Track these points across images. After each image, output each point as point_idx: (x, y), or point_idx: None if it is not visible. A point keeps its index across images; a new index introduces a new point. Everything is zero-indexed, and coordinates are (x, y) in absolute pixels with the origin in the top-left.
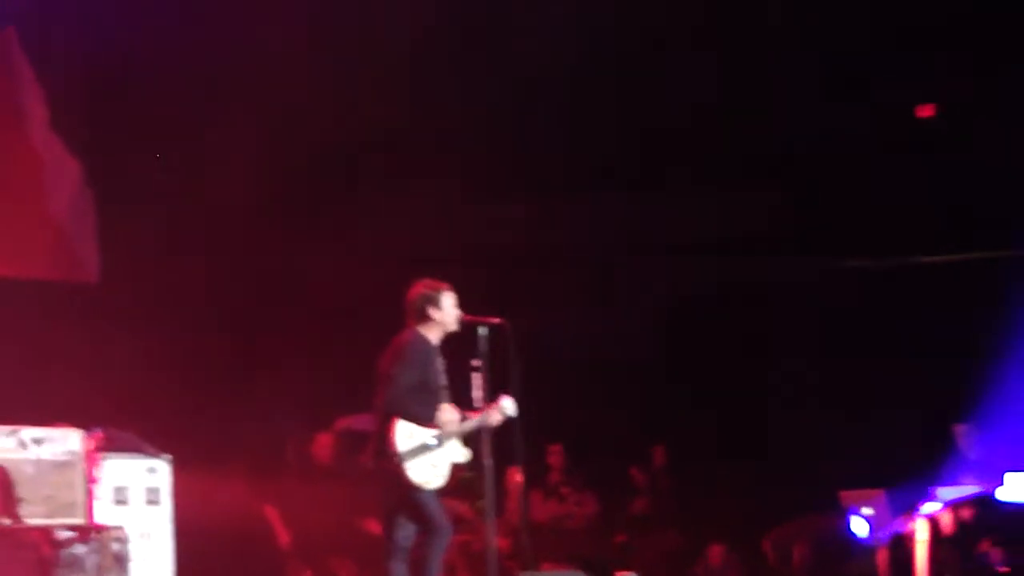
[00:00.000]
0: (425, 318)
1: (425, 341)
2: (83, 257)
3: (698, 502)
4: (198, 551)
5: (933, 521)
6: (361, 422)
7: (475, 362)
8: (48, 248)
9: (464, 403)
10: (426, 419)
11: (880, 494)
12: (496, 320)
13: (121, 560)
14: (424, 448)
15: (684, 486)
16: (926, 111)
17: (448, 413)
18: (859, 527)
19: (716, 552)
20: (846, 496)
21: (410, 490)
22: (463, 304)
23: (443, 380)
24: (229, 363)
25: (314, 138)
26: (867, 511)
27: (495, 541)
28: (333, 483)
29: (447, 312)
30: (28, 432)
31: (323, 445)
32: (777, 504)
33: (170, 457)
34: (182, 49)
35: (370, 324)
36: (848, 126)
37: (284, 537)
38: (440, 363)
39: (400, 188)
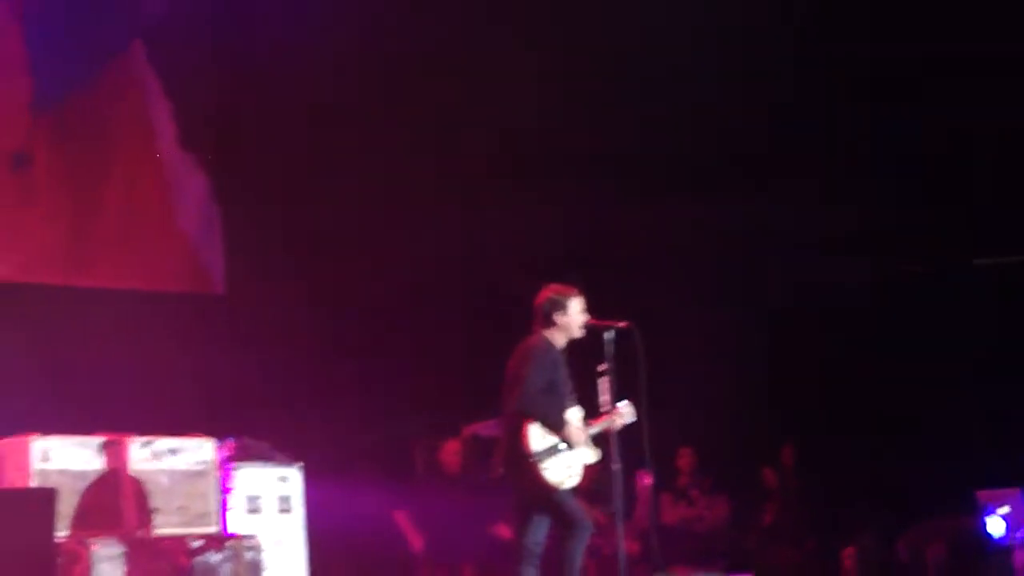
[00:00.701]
0: (551, 323)
1: (552, 345)
2: (210, 270)
3: (828, 504)
4: (331, 558)
5: None
6: (488, 428)
7: (601, 366)
8: (176, 262)
9: (591, 408)
10: (556, 422)
11: (1017, 493)
12: (622, 324)
13: (255, 568)
14: (556, 449)
15: (812, 488)
16: None
17: (575, 418)
18: (996, 527)
19: (848, 555)
20: (983, 495)
21: (547, 491)
22: (590, 308)
23: (569, 385)
24: (357, 372)
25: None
26: (1004, 510)
27: (624, 545)
28: (462, 489)
29: (573, 317)
30: (162, 443)
31: (451, 451)
32: (913, 504)
33: (301, 465)
34: (310, 61)
35: (494, 330)
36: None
37: (416, 542)
38: (566, 367)
39: (527, 194)
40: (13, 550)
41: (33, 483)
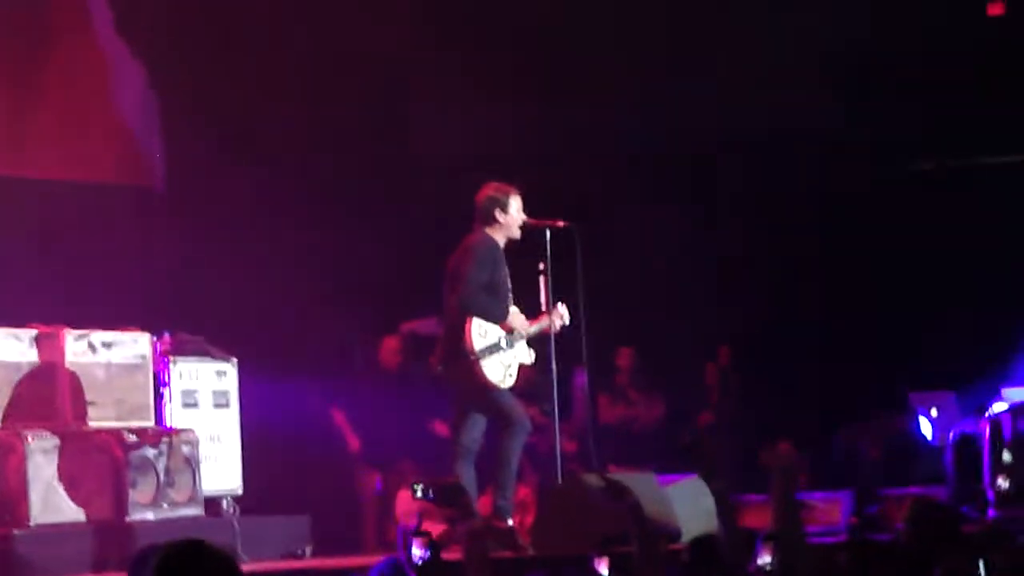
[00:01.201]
0: (492, 220)
1: (493, 242)
2: (149, 161)
3: (765, 403)
4: (266, 454)
5: (997, 422)
6: (426, 326)
7: (540, 266)
8: (116, 152)
9: (529, 309)
10: (498, 318)
11: (949, 395)
12: (561, 223)
13: (190, 462)
14: (496, 348)
15: (751, 386)
16: None
17: (517, 315)
18: (926, 428)
19: (783, 450)
20: (915, 397)
21: (486, 389)
22: (536, 206)
23: (509, 283)
24: (297, 265)
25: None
26: (935, 412)
27: (561, 444)
28: (399, 386)
29: (514, 216)
30: (98, 336)
31: (389, 349)
32: (847, 404)
33: (237, 360)
34: None
35: (439, 225)
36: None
37: (352, 441)
38: (505, 266)
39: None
40: None
41: None
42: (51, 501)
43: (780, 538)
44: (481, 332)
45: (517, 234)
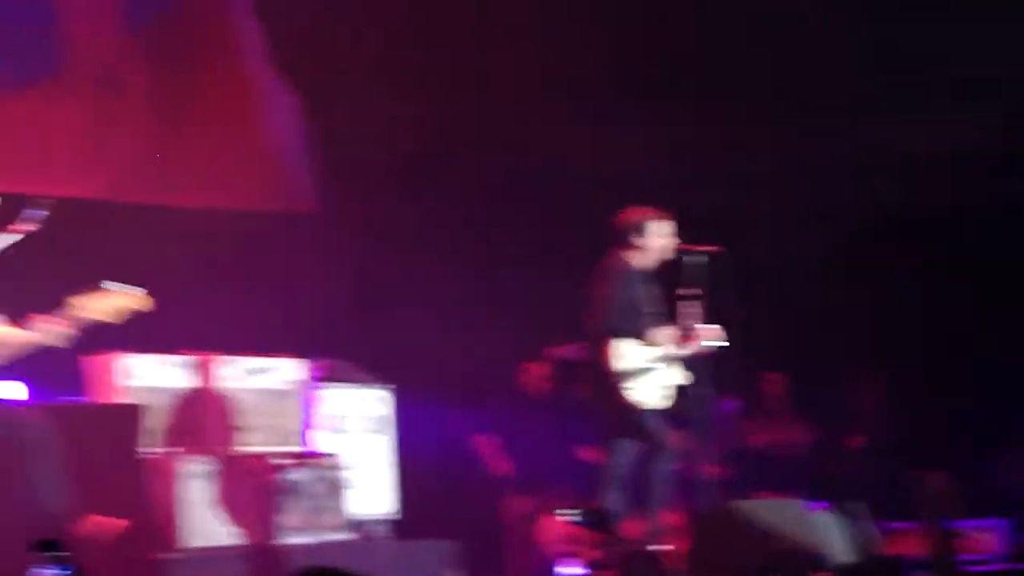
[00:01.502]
0: (629, 244)
1: (628, 265)
2: (300, 187)
3: (918, 429)
4: (419, 480)
5: None
6: (573, 351)
7: (686, 290)
8: (266, 179)
9: (681, 330)
10: (637, 339)
11: None
12: (712, 248)
13: (338, 486)
14: (643, 369)
15: (902, 412)
16: None
17: (662, 335)
18: None
19: (936, 477)
20: None
21: (630, 410)
22: (684, 230)
23: (654, 306)
24: (450, 295)
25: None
26: None
27: (709, 469)
28: (548, 412)
29: (653, 240)
30: (250, 362)
31: (537, 375)
32: (1003, 431)
33: (390, 386)
34: None
35: (583, 254)
36: None
37: (502, 467)
38: (651, 289)
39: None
40: (100, 465)
41: (122, 399)
42: (203, 525)
43: (932, 567)
44: (623, 354)
45: (663, 256)
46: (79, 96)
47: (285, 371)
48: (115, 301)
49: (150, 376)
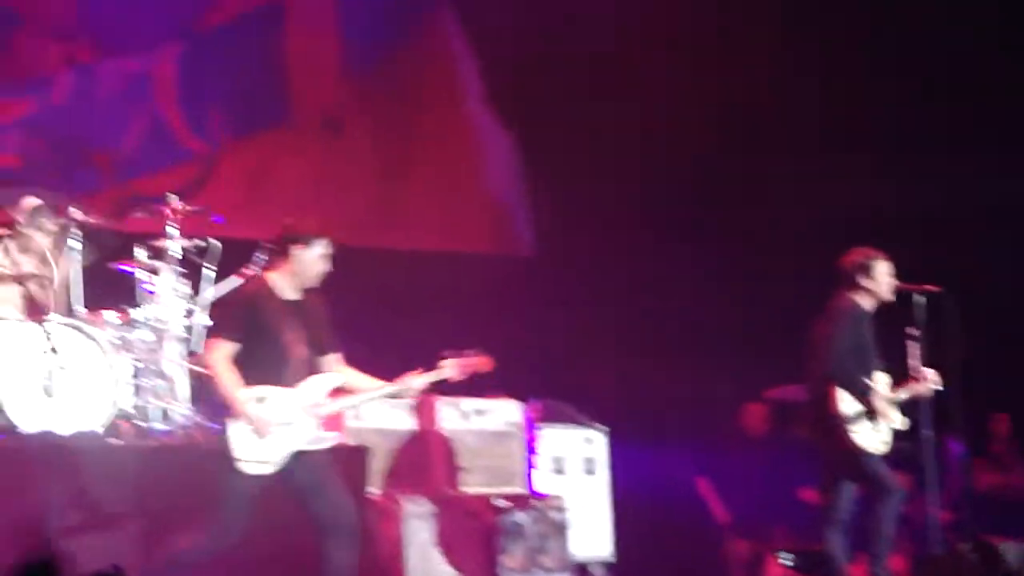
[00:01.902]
0: (857, 286)
1: (858, 307)
2: (518, 230)
3: None
4: (634, 521)
5: None
6: (792, 392)
7: (911, 330)
8: (484, 222)
9: (900, 373)
10: (863, 384)
11: None
12: (933, 288)
13: (561, 528)
14: (866, 413)
15: None
16: None
17: (885, 381)
18: None
19: None
20: None
21: (856, 455)
22: (903, 272)
23: (876, 349)
24: (662, 336)
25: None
26: None
27: (935, 513)
28: (767, 453)
29: (880, 281)
30: (469, 403)
31: (756, 416)
32: None
33: (606, 428)
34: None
35: (802, 290)
36: None
37: (720, 511)
38: (872, 331)
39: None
40: None
41: (348, 441)
42: (426, 565)
43: None
44: (848, 397)
45: (887, 298)
46: (304, 141)
47: (505, 412)
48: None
49: (375, 417)
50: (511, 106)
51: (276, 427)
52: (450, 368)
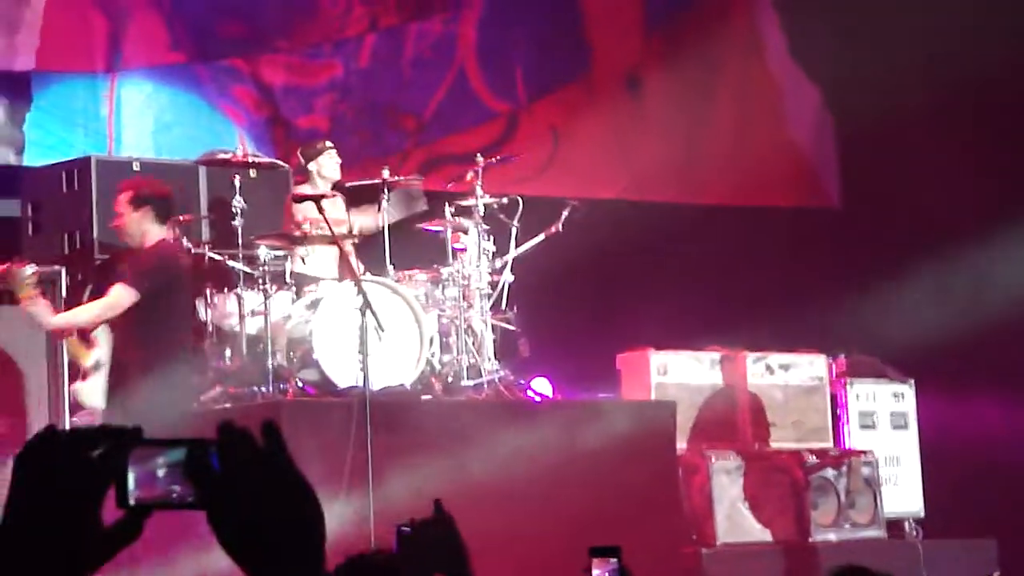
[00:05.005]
0: None
1: None
2: (825, 183)
3: None
4: (947, 476)
5: None
6: None
7: None
8: (790, 175)
9: None
10: None
11: None
12: None
13: (872, 484)
14: None
15: None
16: None
17: None
18: None
19: None
20: None
21: None
22: None
23: None
24: (972, 285)
25: None
26: None
27: None
28: None
29: None
30: (775, 358)
31: None
32: None
33: (913, 381)
34: None
35: None
36: None
37: None
38: None
39: None
40: (637, 461)
41: (653, 396)
42: (736, 521)
43: None
44: None
45: None
46: (602, 98)
47: (811, 367)
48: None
49: (683, 373)
50: (818, 58)
51: None
52: None
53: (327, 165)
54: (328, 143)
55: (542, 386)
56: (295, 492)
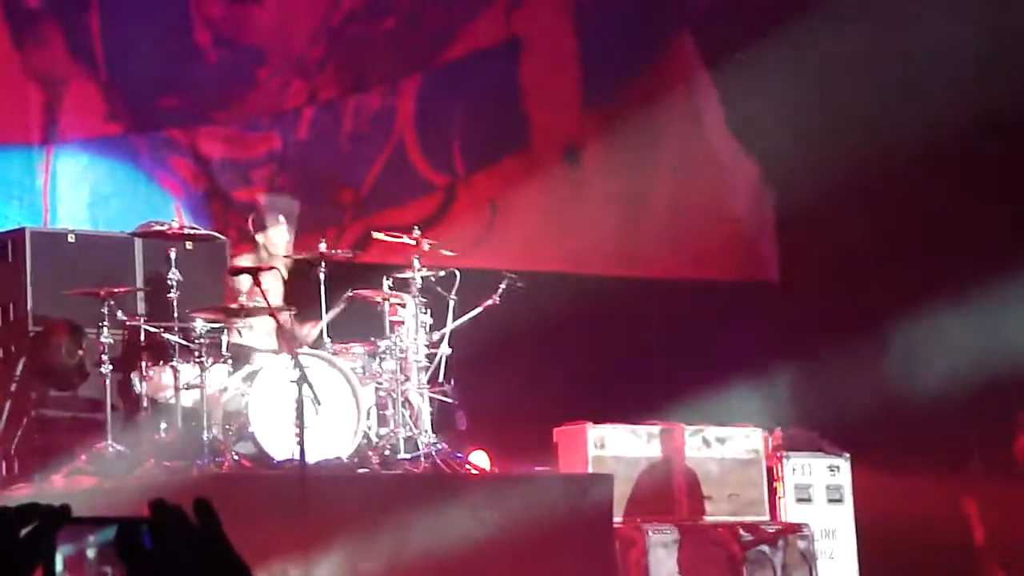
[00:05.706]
0: None
1: None
2: (763, 257)
3: None
4: (882, 549)
5: None
6: None
7: None
8: (728, 249)
9: None
10: None
11: None
12: None
13: (807, 558)
14: None
15: None
16: None
17: None
18: None
19: None
20: None
21: None
22: None
23: None
24: (924, 360)
25: None
26: None
27: None
28: None
29: None
30: (712, 431)
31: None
32: None
33: (849, 455)
34: None
35: None
36: None
37: (979, 534)
38: None
39: None
40: (572, 533)
41: (590, 469)
42: None
43: None
44: None
45: None
46: (540, 170)
47: (748, 440)
48: None
49: (620, 446)
50: (757, 133)
51: None
52: None
53: (274, 239)
54: (287, 212)
55: (480, 459)
56: (229, 571)
